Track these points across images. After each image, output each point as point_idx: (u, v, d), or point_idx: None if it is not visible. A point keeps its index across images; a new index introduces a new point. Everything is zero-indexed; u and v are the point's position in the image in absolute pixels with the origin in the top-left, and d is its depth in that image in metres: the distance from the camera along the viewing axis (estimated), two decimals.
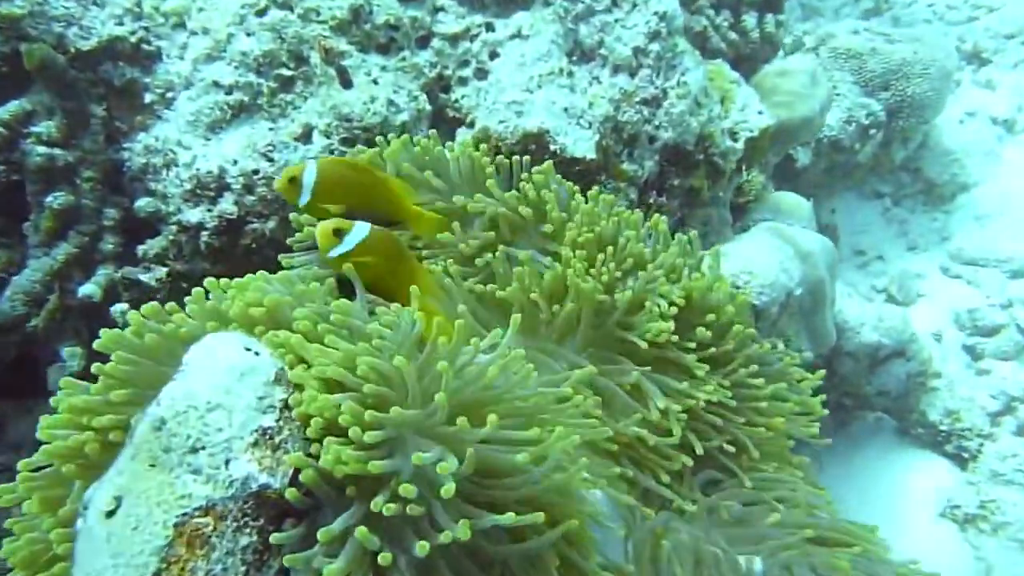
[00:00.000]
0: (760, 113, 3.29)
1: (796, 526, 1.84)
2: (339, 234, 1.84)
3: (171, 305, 1.64)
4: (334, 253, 1.84)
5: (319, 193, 1.94)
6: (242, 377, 1.45)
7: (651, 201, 2.86)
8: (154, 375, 1.49)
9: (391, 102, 2.50)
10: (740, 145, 3.17)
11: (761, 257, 2.96)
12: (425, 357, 1.47)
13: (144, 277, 2.52)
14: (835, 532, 1.89)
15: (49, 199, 2.58)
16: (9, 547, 1.53)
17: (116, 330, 1.56)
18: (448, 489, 1.29)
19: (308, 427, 1.40)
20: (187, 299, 1.65)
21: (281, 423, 1.43)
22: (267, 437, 1.41)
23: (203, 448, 1.38)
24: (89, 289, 2.56)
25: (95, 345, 1.56)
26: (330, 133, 2.44)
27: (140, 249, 2.53)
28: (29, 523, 1.56)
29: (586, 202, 2.25)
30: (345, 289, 1.89)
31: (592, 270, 2.10)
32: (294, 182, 1.95)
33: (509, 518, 1.33)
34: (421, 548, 1.28)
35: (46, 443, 1.51)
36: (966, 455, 3.82)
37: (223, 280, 1.69)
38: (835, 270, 3.24)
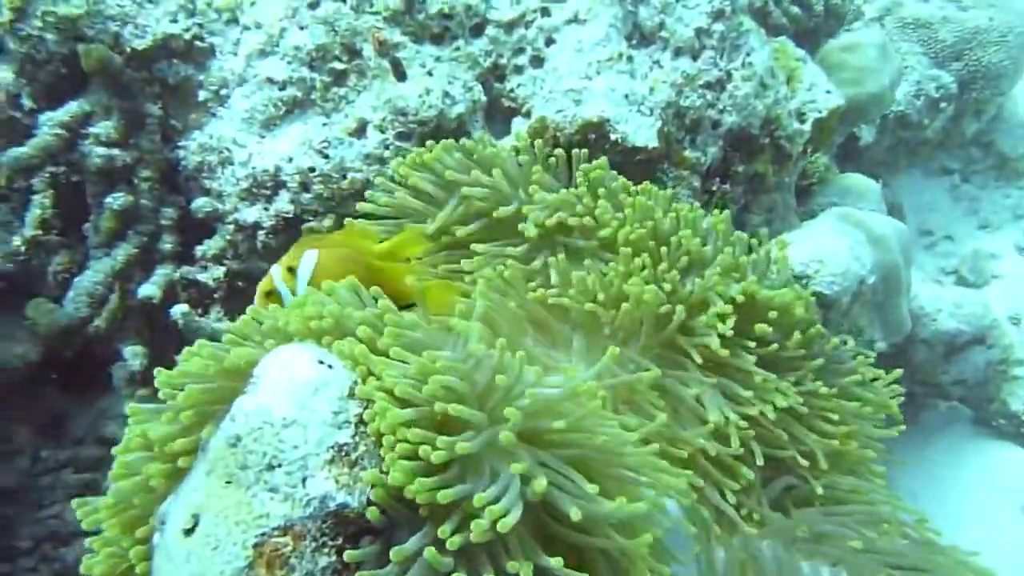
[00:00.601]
0: (828, 92, 3.14)
1: (887, 552, 1.73)
2: (292, 271, 1.80)
3: (229, 337, 1.61)
4: (300, 291, 1.78)
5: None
6: (316, 392, 1.41)
7: (714, 189, 2.75)
8: (223, 393, 1.47)
9: (446, 94, 2.43)
10: (807, 127, 3.03)
11: (831, 244, 2.83)
12: (487, 385, 1.41)
13: (202, 277, 2.52)
14: (930, 560, 1.75)
15: (109, 200, 2.59)
16: (88, 563, 1.53)
17: (174, 372, 1.53)
18: (505, 524, 1.24)
19: (381, 446, 1.36)
20: (232, 327, 1.61)
21: (357, 439, 1.39)
22: (343, 454, 1.37)
23: (279, 466, 1.34)
24: (149, 290, 2.56)
25: (156, 383, 1.54)
26: (385, 128, 2.39)
27: (198, 250, 2.52)
28: (108, 540, 1.56)
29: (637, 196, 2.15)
30: None
31: (649, 272, 2.01)
32: (272, 295, 1.86)
33: (558, 563, 1.28)
34: None
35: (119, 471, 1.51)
36: None
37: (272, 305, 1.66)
38: (910, 254, 3.08)
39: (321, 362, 1.46)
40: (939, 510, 3.34)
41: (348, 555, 1.30)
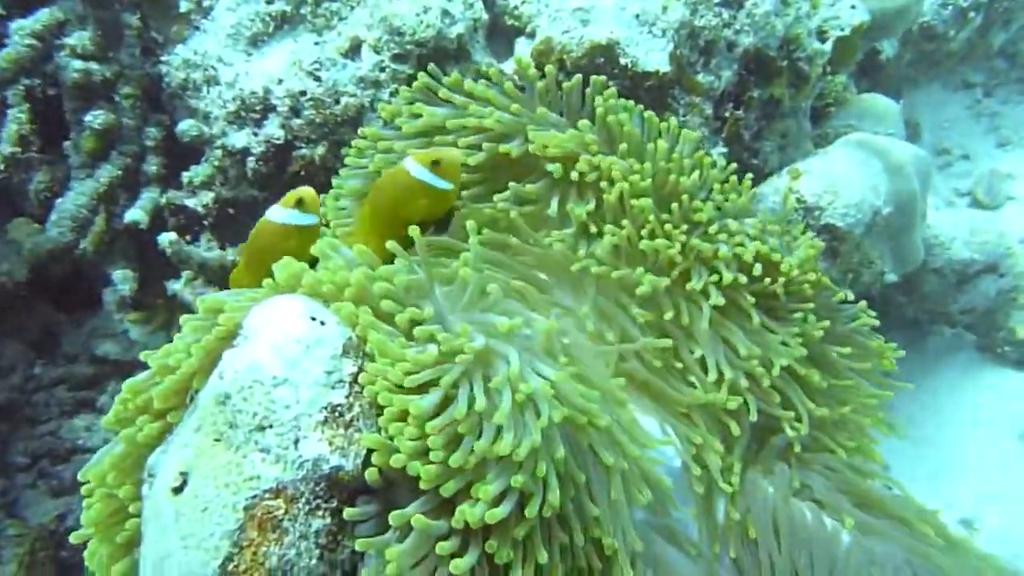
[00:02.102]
0: (853, 7, 2.93)
1: (883, 534, 1.68)
2: None
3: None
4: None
5: None
6: (308, 350, 1.36)
7: (727, 115, 2.59)
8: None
9: (445, 12, 2.25)
10: (828, 47, 2.84)
11: (846, 174, 2.70)
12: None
13: (190, 203, 2.41)
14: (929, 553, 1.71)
15: (89, 118, 2.46)
16: (87, 516, 1.50)
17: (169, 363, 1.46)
18: (493, 515, 1.24)
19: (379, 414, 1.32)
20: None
21: (351, 399, 1.35)
22: (337, 415, 1.33)
23: (271, 426, 1.30)
24: (136, 215, 2.46)
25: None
26: (380, 49, 2.23)
27: (185, 176, 2.40)
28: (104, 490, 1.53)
29: (661, 137, 2.01)
30: None
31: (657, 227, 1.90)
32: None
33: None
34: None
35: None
36: None
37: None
38: (928, 182, 2.95)
39: (314, 318, 1.41)
40: (939, 435, 3.34)
41: (347, 513, 1.28)
